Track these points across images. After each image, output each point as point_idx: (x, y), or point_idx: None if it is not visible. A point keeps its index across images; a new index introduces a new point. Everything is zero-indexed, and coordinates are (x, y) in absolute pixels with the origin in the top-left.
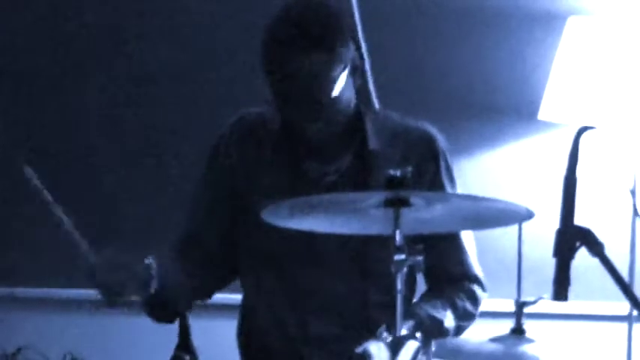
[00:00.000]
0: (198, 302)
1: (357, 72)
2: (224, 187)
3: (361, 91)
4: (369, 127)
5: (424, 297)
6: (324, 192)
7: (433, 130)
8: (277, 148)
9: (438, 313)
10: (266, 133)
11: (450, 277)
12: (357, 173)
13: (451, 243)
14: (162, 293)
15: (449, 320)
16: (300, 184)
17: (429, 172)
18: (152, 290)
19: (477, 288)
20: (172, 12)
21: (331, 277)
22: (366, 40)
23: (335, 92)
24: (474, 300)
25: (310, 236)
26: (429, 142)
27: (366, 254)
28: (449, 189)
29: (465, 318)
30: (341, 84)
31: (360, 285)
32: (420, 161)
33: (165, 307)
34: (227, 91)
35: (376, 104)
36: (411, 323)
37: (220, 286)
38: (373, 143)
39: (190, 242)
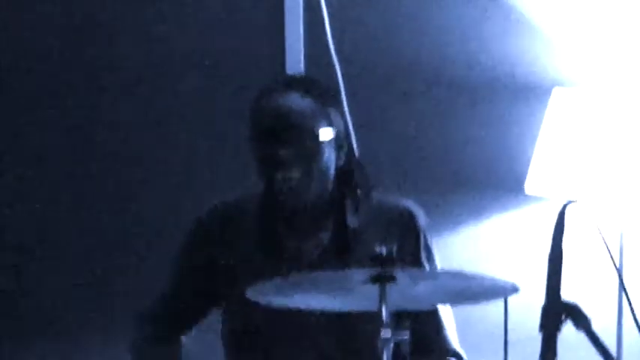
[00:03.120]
0: None
1: (342, 149)
2: (204, 272)
3: (343, 168)
4: (349, 204)
5: None
6: (307, 269)
7: (414, 207)
8: (256, 231)
9: None
10: (243, 219)
11: (430, 352)
12: (337, 250)
13: (430, 318)
14: None
15: None
16: (282, 264)
17: (408, 249)
18: None
19: None
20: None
21: (315, 354)
22: (352, 115)
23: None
24: None
25: (294, 314)
26: (410, 219)
27: (351, 332)
28: (426, 267)
29: None
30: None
31: None
32: (400, 238)
33: None
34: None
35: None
36: None
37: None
38: (352, 221)
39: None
